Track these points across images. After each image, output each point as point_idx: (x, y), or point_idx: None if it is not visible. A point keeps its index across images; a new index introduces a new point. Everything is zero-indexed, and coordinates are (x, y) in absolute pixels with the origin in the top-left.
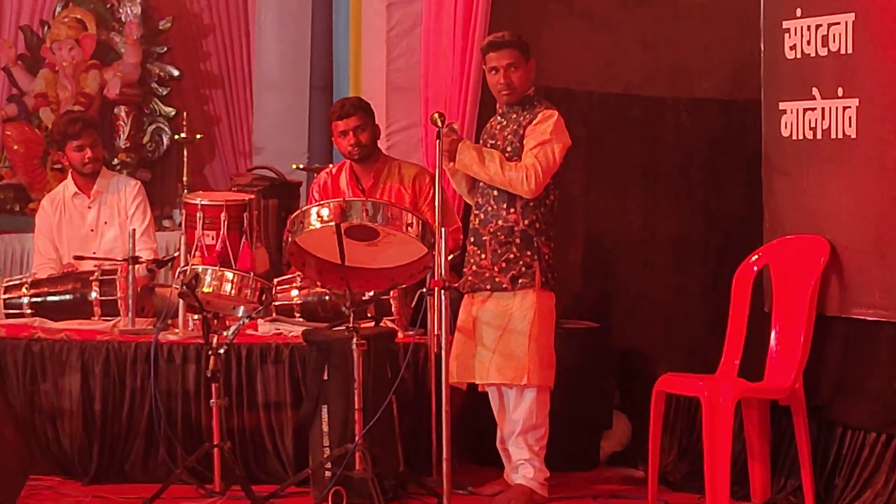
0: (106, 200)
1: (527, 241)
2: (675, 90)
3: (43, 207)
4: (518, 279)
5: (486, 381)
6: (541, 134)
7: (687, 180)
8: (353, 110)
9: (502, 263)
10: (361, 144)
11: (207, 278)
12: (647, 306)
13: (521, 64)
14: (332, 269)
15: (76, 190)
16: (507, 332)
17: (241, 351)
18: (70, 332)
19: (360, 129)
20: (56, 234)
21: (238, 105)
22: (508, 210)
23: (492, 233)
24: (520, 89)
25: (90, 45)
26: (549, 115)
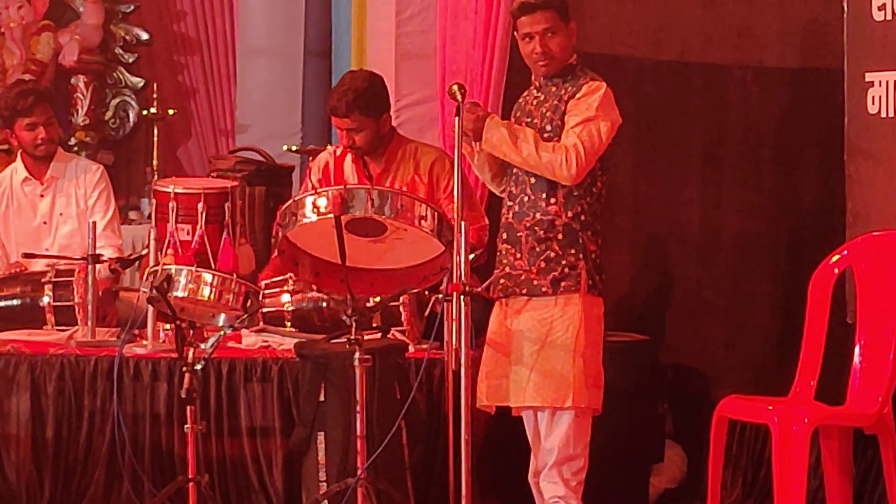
0: (62, 188)
1: (571, 237)
2: (741, 56)
3: None
4: (560, 282)
5: (522, 404)
6: (585, 109)
7: (755, 165)
8: (344, 110)
9: (541, 263)
10: (356, 146)
11: (182, 280)
12: (706, 316)
13: (559, 28)
14: (331, 270)
15: (27, 175)
16: (548, 345)
17: (221, 367)
18: (18, 344)
19: (356, 131)
20: (2, 228)
21: (219, 75)
22: (548, 200)
23: (529, 227)
24: (559, 58)
25: (43, 3)
26: (596, 88)
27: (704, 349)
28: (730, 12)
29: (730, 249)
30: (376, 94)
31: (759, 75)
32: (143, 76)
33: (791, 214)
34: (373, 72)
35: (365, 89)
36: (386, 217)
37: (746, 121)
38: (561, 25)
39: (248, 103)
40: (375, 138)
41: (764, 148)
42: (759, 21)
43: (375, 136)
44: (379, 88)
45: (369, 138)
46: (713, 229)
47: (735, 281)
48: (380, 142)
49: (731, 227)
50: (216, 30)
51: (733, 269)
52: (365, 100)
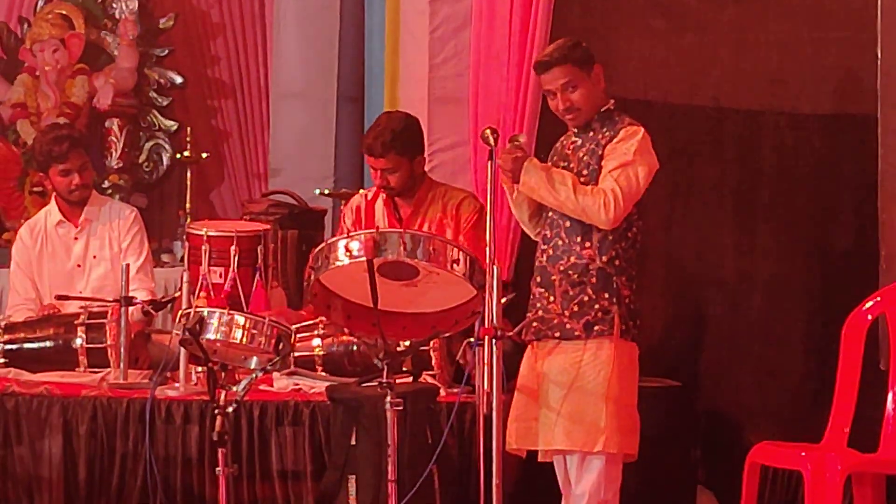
0: (96, 231)
1: (605, 282)
2: (775, 102)
3: (20, 238)
4: (593, 326)
5: (551, 447)
6: (623, 154)
7: (788, 210)
8: (381, 150)
9: (574, 307)
10: (389, 187)
11: (214, 323)
12: (738, 361)
13: (580, 80)
14: (362, 314)
15: (61, 217)
16: (577, 388)
17: (253, 410)
18: (51, 386)
19: (390, 171)
20: (36, 270)
21: (252, 119)
22: (583, 244)
23: (562, 271)
24: (585, 109)
25: (78, 47)
26: (634, 133)
27: (737, 395)
28: (763, 58)
29: (763, 295)
30: (412, 136)
31: (792, 121)
32: (177, 120)
33: (824, 260)
34: (409, 114)
35: (402, 130)
36: (418, 261)
37: (780, 166)
38: (581, 76)
39: (280, 147)
40: (409, 179)
41: (797, 194)
42: (793, 67)
43: (409, 177)
44: (415, 130)
45: (403, 179)
46: (746, 274)
47: (768, 326)
48: (413, 183)
49: (764, 273)
50: (250, 74)
51: (767, 315)
52: (401, 140)
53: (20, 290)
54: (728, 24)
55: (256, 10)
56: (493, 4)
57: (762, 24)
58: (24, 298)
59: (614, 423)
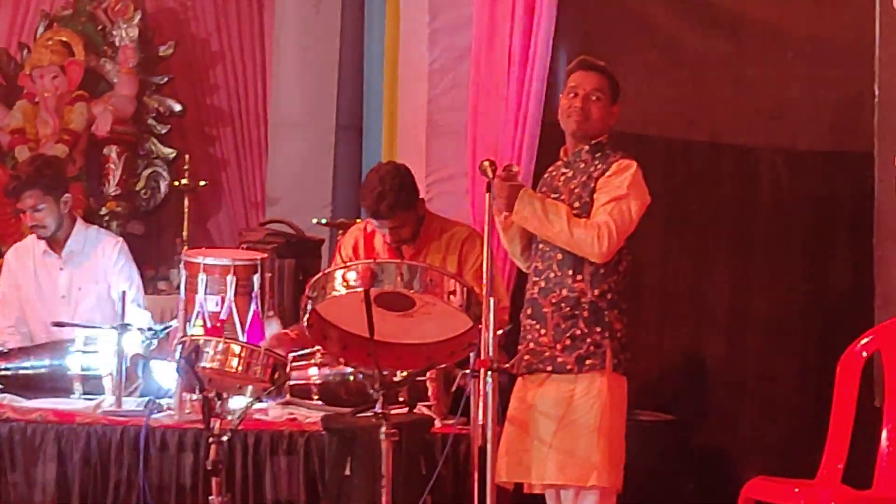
0: (81, 263)
1: (596, 315)
2: (772, 139)
3: (7, 263)
4: (585, 360)
5: (543, 482)
6: (616, 188)
7: (784, 247)
8: (388, 212)
9: (566, 341)
10: (401, 239)
11: (210, 351)
12: (734, 396)
13: (605, 98)
14: (359, 344)
15: (46, 248)
16: (567, 423)
17: (247, 439)
18: (45, 413)
19: (398, 228)
20: (24, 296)
21: (250, 147)
22: (575, 277)
23: (554, 304)
24: (594, 123)
25: (77, 74)
26: (627, 166)
27: (732, 429)
28: (761, 95)
29: (758, 330)
30: (410, 188)
31: (789, 158)
32: (175, 147)
33: (820, 297)
34: (397, 164)
35: (400, 187)
36: (415, 291)
37: (776, 203)
38: (608, 97)
39: (278, 176)
40: (417, 225)
41: (793, 230)
42: (790, 104)
43: (417, 224)
44: (409, 179)
45: (412, 228)
46: (742, 310)
47: (763, 362)
48: (419, 224)
49: (759, 308)
50: (248, 103)
51: (761, 350)
52: (404, 197)
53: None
54: (725, 61)
55: (256, 39)
56: (493, 37)
57: (759, 60)
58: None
59: (607, 458)
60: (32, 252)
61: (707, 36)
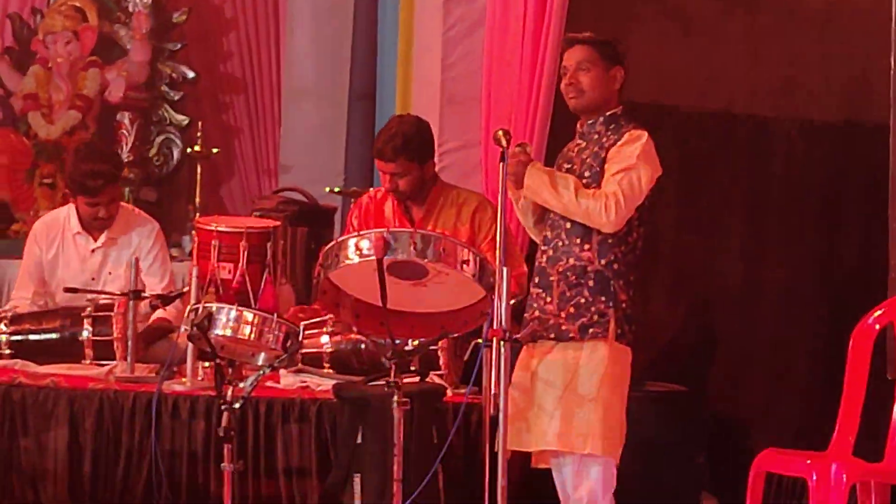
0: (115, 245)
1: (602, 285)
2: (786, 110)
3: (34, 236)
4: (588, 328)
5: (542, 448)
6: (626, 158)
7: (798, 218)
8: (391, 154)
9: (570, 309)
10: (398, 191)
11: (223, 319)
12: (746, 368)
13: (594, 66)
14: (371, 313)
15: (80, 229)
16: (571, 390)
17: (259, 406)
18: (57, 378)
19: (400, 175)
20: (48, 272)
21: (263, 115)
22: (582, 246)
23: (561, 272)
24: (589, 95)
25: (90, 39)
26: (637, 137)
27: (744, 401)
28: (776, 66)
29: (771, 302)
30: (423, 141)
31: (804, 129)
32: (188, 114)
33: (833, 269)
34: (420, 117)
35: (413, 134)
36: (428, 260)
37: (790, 174)
38: (599, 64)
39: (291, 144)
40: (419, 184)
41: (807, 202)
42: (805, 75)
43: (419, 182)
44: (426, 135)
45: (412, 184)
46: (755, 282)
47: (776, 334)
48: (423, 187)
49: (772, 280)
50: (262, 70)
51: (774, 322)
52: (412, 145)
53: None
54: (741, 32)
55: (270, 7)
56: (507, 6)
57: (775, 32)
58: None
59: (605, 427)
60: (63, 228)
61: (721, 7)
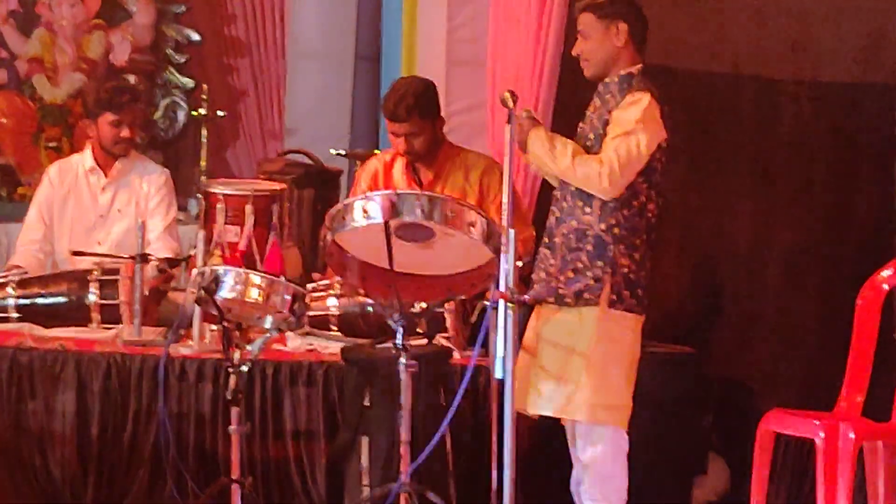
0: (126, 184)
1: (600, 249)
2: (795, 70)
3: (47, 176)
4: (582, 293)
5: (536, 412)
6: (625, 122)
7: (807, 179)
8: (405, 114)
9: (570, 273)
10: (413, 151)
11: (230, 282)
12: (753, 329)
13: (594, 30)
14: (378, 275)
15: (93, 164)
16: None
17: (266, 369)
18: (65, 342)
19: (415, 135)
20: (58, 212)
21: (268, 77)
22: (584, 209)
23: (565, 234)
24: (593, 61)
25: (95, 2)
26: (637, 101)
27: (751, 362)
28: (784, 26)
29: (779, 263)
30: (433, 98)
31: (812, 89)
32: (194, 77)
33: (842, 230)
34: (426, 78)
35: (423, 92)
36: (435, 223)
37: (799, 135)
38: (598, 28)
39: (297, 106)
40: (433, 142)
41: (816, 162)
42: (814, 35)
43: (433, 141)
44: (434, 93)
45: (427, 142)
46: (763, 243)
47: (784, 295)
48: (431, 150)
49: (781, 241)
50: (266, 33)
51: (782, 283)
52: (424, 103)
53: (28, 230)
54: None
55: None
56: None
57: None
58: (30, 240)
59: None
60: (76, 169)
61: None
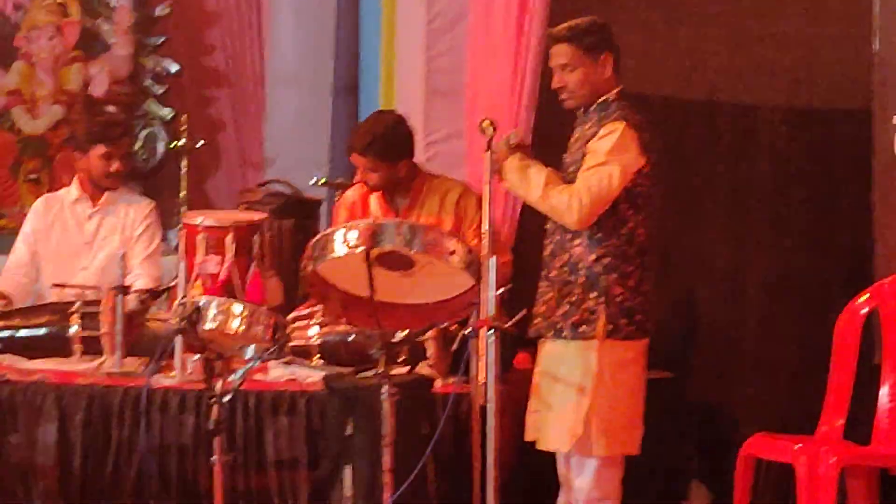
0: (112, 213)
1: (592, 281)
2: (770, 97)
3: (34, 208)
4: (578, 326)
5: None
6: (598, 154)
7: (783, 205)
8: (361, 151)
9: (566, 306)
10: (370, 185)
11: (211, 312)
12: (733, 354)
13: (582, 63)
14: (360, 304)
15: (80, 194)
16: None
17: (248, 399)
18: (46, 374)
19: (369, 171)
20: (43, 242)
21: (247, 107)
22: (573, 241)
23: (559, 268)
24: (580, 93)
25: (73, 34)
26: (611, 131)
27: (731, 388)
28: (759, 53)
29: (757, 289)
30: (396, 140)
31: (787, 116)
32: (173, 107)
33: (819, 254)
34: (399, 116)
35: (383, 135)
36: (416, 251)
37: (775, 161)
38: (584, 61)
39: (276, 136)
40: (390, 180)
41: (792, 188)
42: (788, 62)
43: (389, 179)
44: (400, 134)
45: (382, 180)
46: (741, 269)
47: (763, 319)
48: (396, 184)
49: (758, 266)
50: (245, 63)
51: (761, 308)
52: (381, 145)
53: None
54: (723, 18)
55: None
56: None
57: (757, 17)
58: (15, 266)
59: (597, 426)
60: (63, 200)
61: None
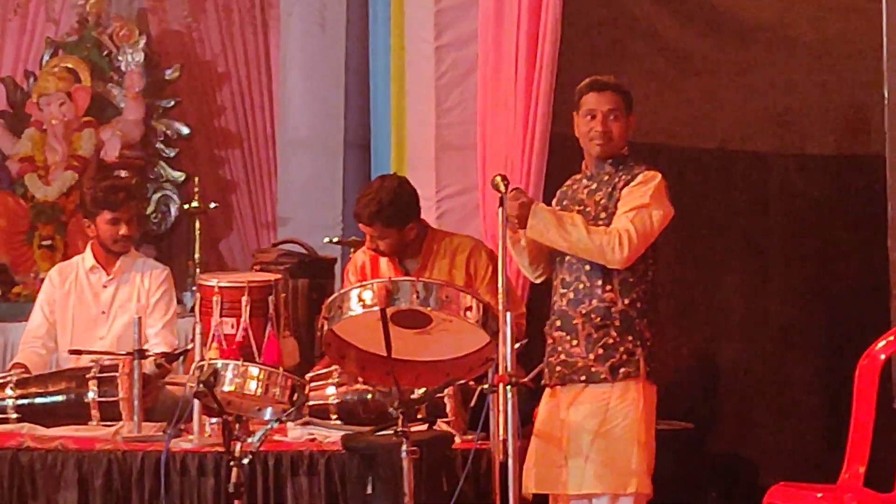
0: (127, 281)
1: (627, 324)
2: (783, 144)
3: (49, 278)
4: (619, 368)
5: (580, 491)
6: (639, 196)
7: (798, 251)
8: (368, 220)
9: (599, 350)
10: (378, 250)
11: (228, 375)
12: (752, 402)
13: (622, 115)
14: (377, 363)
15: (94, 263)
16: (606, 432)
17: (268, 460)
18: (65, 440)
19: (377, 238)
20: (60, 312)
21: (259, 168)
22: (604, 287)
23: (585, 314)
24: (616, 142)
25: (84, 100)
26: (652, 177)
27: (751, 436)
28: (770, 101)
29: (774, 335)
30: (401, 206)
31: (800, 162)
32: (185, 170)
33: (835, 300)
34: (402, 179)
35: (389, 202)
36: (431, 309)
37: (788, 208)
38: (624, 112)
39: (288, 196)
40: (398, 245)
41: (806, 234)
42: (800, 109)
43: (398, 244)
44: (405, 199)
45: (391, 245)
46: (757, 315)
47: (781, 367)
48: (405, 247)
49: (775, 314)
50: (256, 123)
51: (779, 355)
52: (387, 212)
53: (31, 327)
54: (733, 67)
55: (262, 59)
56: (499, 51)
57: (768, 65)
58: (34, 337)
59: (643, 465)
60: (77, 270)
61: (714, 43)
